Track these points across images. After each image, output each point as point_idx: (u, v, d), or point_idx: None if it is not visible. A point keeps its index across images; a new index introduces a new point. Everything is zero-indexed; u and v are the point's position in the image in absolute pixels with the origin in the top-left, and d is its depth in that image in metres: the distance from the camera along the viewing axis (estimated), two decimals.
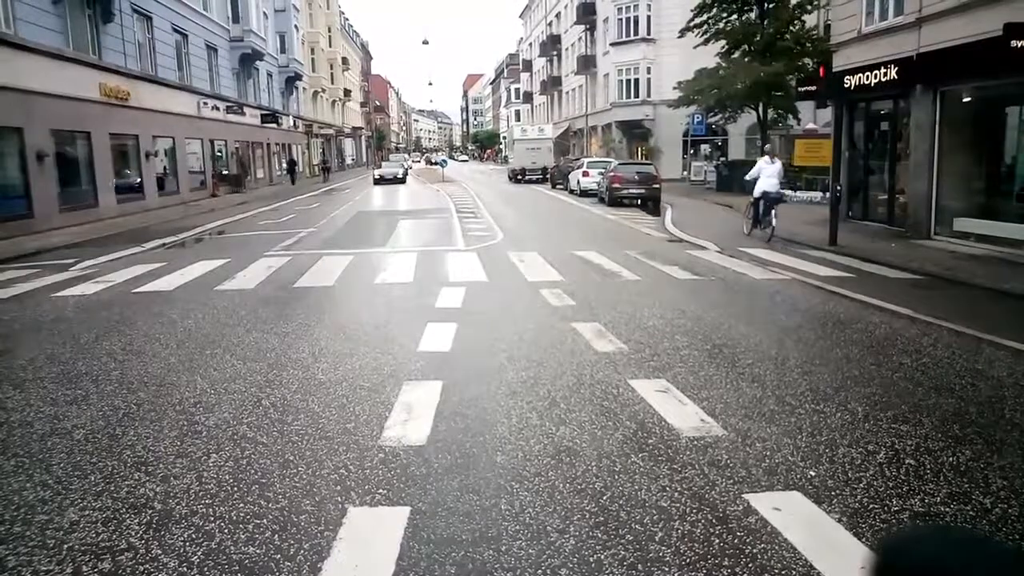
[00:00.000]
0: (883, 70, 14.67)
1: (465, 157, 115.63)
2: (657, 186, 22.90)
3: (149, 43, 25.14)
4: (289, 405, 5.10)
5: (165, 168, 26.34)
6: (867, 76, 15.20)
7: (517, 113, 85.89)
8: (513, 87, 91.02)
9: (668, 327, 7.24)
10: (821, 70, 14.21)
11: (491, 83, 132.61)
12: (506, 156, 72.56)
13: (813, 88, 17.28)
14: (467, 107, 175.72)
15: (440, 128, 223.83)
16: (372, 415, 4.86)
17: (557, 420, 4.71)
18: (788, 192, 19.46)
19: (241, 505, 3.64)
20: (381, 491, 3.76)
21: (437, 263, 11.73)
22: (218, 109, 31.42)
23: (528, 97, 77.30)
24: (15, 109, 16.48)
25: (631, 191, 22.92)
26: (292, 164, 44.04)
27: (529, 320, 7.57)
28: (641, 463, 4.07)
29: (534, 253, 12.54)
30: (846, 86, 15.90)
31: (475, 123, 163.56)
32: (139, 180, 23.72)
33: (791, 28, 28.33)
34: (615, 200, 23.27)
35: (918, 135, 13.96)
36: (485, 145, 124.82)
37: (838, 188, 13.29)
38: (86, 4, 20.64)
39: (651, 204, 22.57)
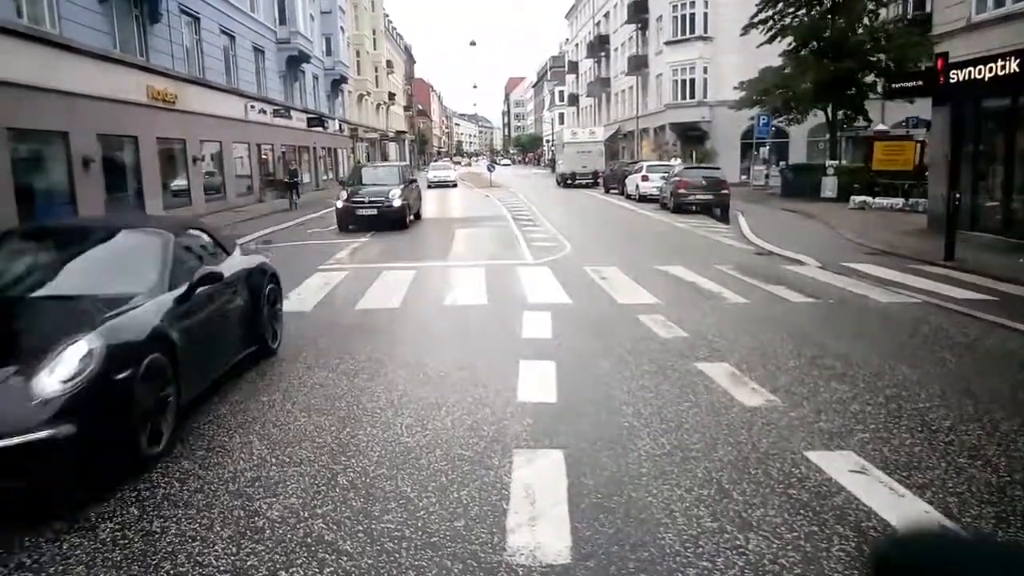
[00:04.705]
0: (1000, 63, 13.07)
1: (507, 161, 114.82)
2: (726, 192, 21.41)
3: (196, 45, 24.50)
4: (374, 486, 3.93)
5: (213, 172, 25.70)
6: (978, 70, 13.62)
7: (561, 116, 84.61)
8: (557, 89, 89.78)
9: (815, 370, 5.94)
10: (939, 63, 12.67)
11: (533, 86, 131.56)
12: (551, 159, 71.34)
13: (912, 84, 15.74)
14: (508, 110, 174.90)
15: (481, 132, 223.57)
16: (485, 506, 3.67)
17: (740, 523, 3.47)
18: None
19: None
20: None
21: (509, 280, 10.54)
22: (265, 112, 30.77)
23: (574, 99, 75.95)
24: (60, 112, 15.76)
25: (698, 197, 21.48)
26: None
27: (640, 358, 6.32)
28: None
29: (613, 268, 11.28)
30: (952, 81, 14.34)
31: (516, 126, 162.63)
32: (187, 185, 23.06)
33: (864, 22, 26.64)
34: (680, 207, 21.87)
35: None
36: (527, 148, 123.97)
37: (957, 196, 11.76)
38: (133, 4, 19.99)
39: (719, 211, 21.11)
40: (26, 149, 15.23)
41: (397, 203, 17.57)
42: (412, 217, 19.03)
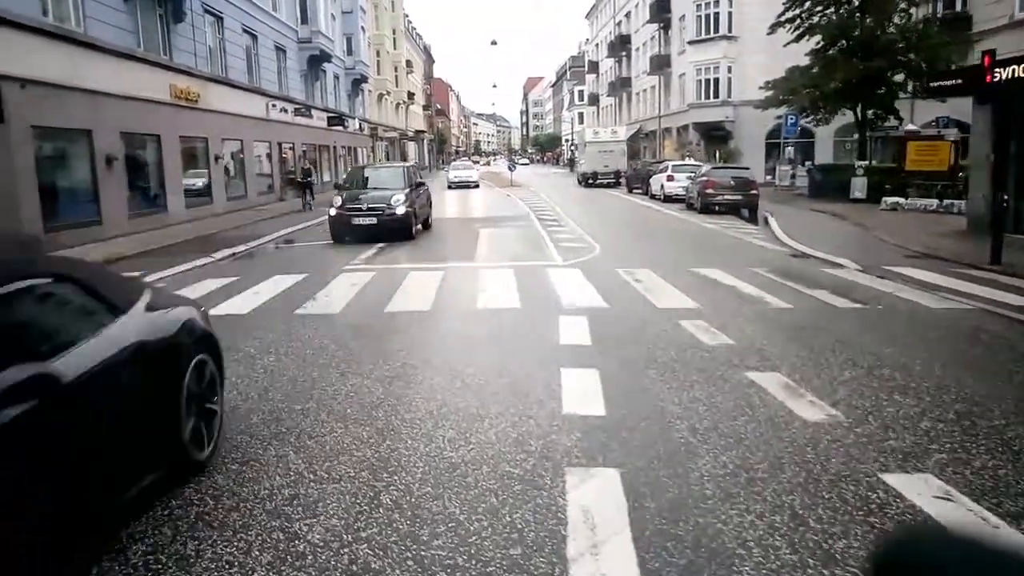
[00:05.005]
0: None
1: (526, 161, 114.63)
2: (755, 192, 21.04)
3: (219, 44, 24.45)
4: (420, 506, 3.68)
5: (234, 171, 25.64)
6: (1023, 68, 13.17)
7: (580, 115, 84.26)
8: (577, 89, 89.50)
9: (874, 381, 5.62)
10: (986, 59, 12.24)
11: (552, 85, 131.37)
12: (570, 159, 71.04)
13: (951, 83, 15.30)
14: (527, 110, 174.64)
15: (499, 131, 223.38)
16: (541, 531, 3.41)
17: (823, 556, 3.17)
18: None
19: None
20: None
21: (540, 282, 10.27)
22: (286, 111, 30.71)
23: (594, 99, 75.58)
24: (84, 111, 15.71)
25: (727, 198, 21.11)
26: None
27: (688, 367, 6.03)
28: None
29: (647, 271, 10.98)
30: (995, 79, 13.88)
31: (535, 126, 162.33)
32: (208, 184, 23.00)
33: (895, 21, 26.07)
34: (707, 207, 21.51)
35: None
36: (545, 148, 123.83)
37: (1005, 198, 11.34)
38: (157, 3, 19.93)
39: (747, 212, 20.74)
40: (50, 147, 15.18)
41: (401, 211, 15.20)
42: (419, 226, 16.70)
